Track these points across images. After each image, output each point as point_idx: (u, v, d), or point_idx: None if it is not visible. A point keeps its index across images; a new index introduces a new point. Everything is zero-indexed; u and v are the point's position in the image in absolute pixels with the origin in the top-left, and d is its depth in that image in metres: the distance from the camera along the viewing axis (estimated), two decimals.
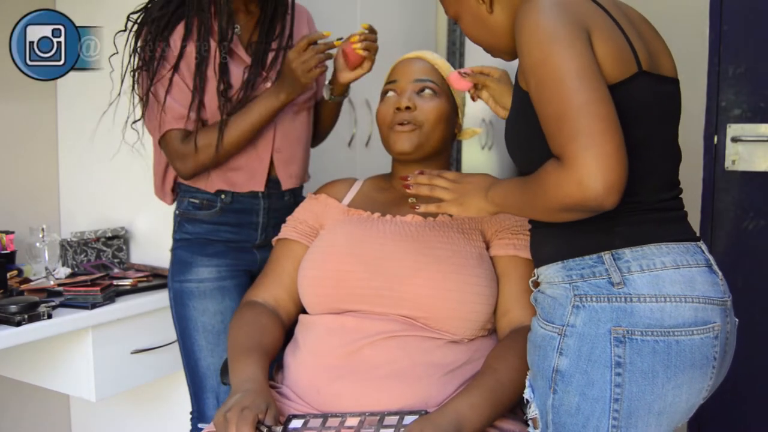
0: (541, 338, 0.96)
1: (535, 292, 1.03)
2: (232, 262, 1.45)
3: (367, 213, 1.28)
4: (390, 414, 1.03)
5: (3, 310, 1.32)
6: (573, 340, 0.91)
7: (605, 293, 0.90)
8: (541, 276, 1.02)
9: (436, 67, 1.32)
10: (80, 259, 1.74)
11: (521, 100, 0.96)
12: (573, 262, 0.94)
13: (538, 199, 0.89)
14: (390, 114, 1.27)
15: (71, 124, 1.87)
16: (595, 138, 0.81)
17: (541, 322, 0.97)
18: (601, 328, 0.89)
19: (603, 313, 0.90)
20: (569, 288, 0.93)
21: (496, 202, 1.00)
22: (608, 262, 0.91)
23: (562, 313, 0.93)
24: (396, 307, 1.14)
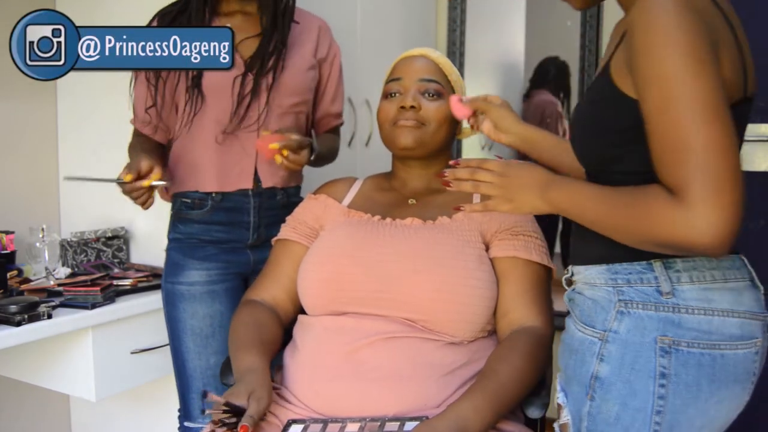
0: (578, 342, 0.93)
1: (570, 292, 0.99)
2: (223, 265, 1.45)
3: (367, 215, 1.27)
4: (391, 420, 1.03)
5: (3, 310, 1.32)
6: (615, 346, 0.88)
7: (653, 301, 0.87)
8: (578, 275, 0.98)
9: (440, 66, 1.31)
10: (80, 259, 1.74)
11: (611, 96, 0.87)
12: (620, 266, 0.90)
13: (634, 224, 0.82)
14: (394, 111, 1.27)
15: (71, 124, 1.87)
16: (724, 183, 0.74)
17: (578, 324, 0.93)
18: (647, 337, 0.86)
19: (649, 321, 0.86)
20: (613, 292, 0.90)
21: (559, 205, 0.91)
22: (659, 270, 0.87)
23: (605, 317, 0.89)
24: (395, 310, 1.14)
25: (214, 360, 1.43)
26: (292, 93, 1.44)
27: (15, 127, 1.80)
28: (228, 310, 1.43)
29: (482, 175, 0.98)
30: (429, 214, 1.25)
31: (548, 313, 1.19)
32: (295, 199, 1.51)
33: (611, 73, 0.88)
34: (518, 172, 0.96)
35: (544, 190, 0.92)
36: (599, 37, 2.43)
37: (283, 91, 1.42)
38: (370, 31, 2.27)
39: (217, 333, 1.43)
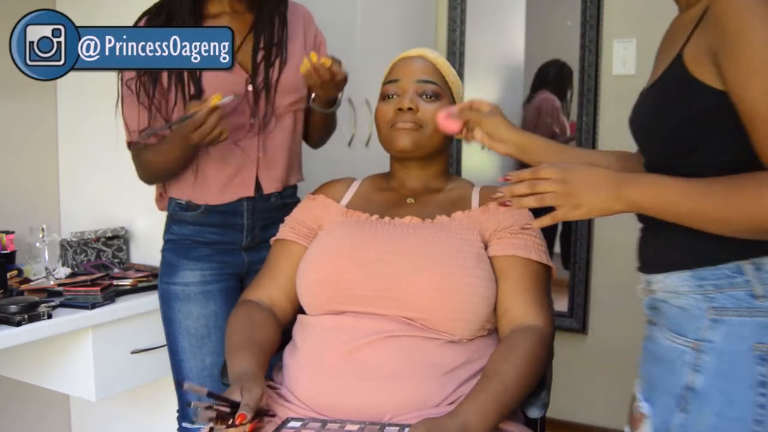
0: (667, 350, 0.89)
1: (651, 300, 0.95)
2: (217, 266, 1.45)
3: (365, 215, 1.27)
4: (391, 425, 1.03)
5: (3, 310, 1.32)
6: (711, 357, 0.85)
7: (746, 306, 0.83)
8: (657, 284, 0.94)
9: (438, 67, 1.31)
10: (80, 259, 1.74)
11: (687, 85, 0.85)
12: (706, 271, 0.86)
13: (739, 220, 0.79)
14: (391, 113, 1.27)
15: (71, 124, 1.87)
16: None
17: (666, 333, 0.90)
18: (743, 345, 0.83)
19: (744, 328, 0.83)
20: (702, 299, 0.86)
21: (641, 203, 0.87)
22: (749, 273, 0.84)
23: (697, 326, 0.86)
24: (395, 309, 1.14)
25: (210, 360, 1.43)
26: (290, 91, 1.42)
27: (15, 127, 1.80)
28: (223, 311, 1.43)
29: (543, 186, 0.91)
30: (427, 213, 1.25)
31: (549, 312, 1.19)
32: (289, 200, 1.50)
33: (685, 62, 0.85)
34: (581, 174, 0.90)
35: (618, 189, 0.87)
36: (599, 37, 2.43)
37: (281, 90, 1.41)
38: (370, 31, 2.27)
39: (213, 333, 1.43)
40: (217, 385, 1.43)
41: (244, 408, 0.96)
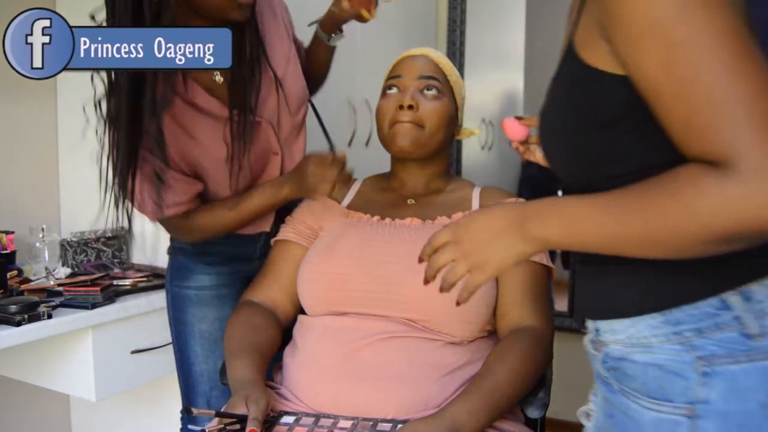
0: (652, 426, 0.68)
1: (607, 359, 0.74)
2: (232, 270, 1.43)
3: (366, 216, 1.27)
4: (383, 420, 1.04)
5: (3, 310, 1.32)
6: (713, 422, 0.65)
7: (741, 350, 0.64)
8: (611, 335, 0.73)
9: (440, 66, 1.31)
10: (80, 259, 1.74)
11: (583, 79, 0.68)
12: (680, 312, 0.67)
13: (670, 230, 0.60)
14: (392, 111, 1.26)
15: (71, 124, 1.87)
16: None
17: (643, 401, 0.69)
18: (750, 401, 0.64)
19: (746, 378, 0.64)
20: (682, 350, 0.66)
21: (551, 239, 0.69)
22: (737, 307, 0.65)
23: (684, 385, 0.66)
24: (395, 310, 1.14)
25: (221, 363, 1.42)
26: (299, 106, 1.35)
27: (15, 127, 1.80)
28: None
29: (441, 259, 0.78)
30: (428, 214, 1.25)
31: (548, 313, 1.19)
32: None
33: (576, 49, 0.69)
34: (475, 227, 0.75)
35: (520, 229, 0.71)
36: None
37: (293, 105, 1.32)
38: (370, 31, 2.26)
39: None
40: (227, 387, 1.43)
41: (252, 422, 0.96)
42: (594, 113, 0.69)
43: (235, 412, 0.99)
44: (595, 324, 0.77)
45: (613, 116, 0.67)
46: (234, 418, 0.98)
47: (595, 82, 0.67)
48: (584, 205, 0.66)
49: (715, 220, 0.57)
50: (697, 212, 0.58)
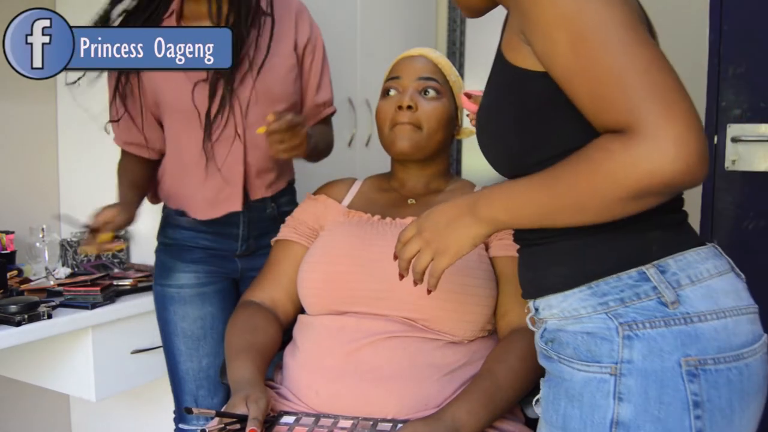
0: (583, 384, 0.76)
1: (545, 332, 0.84)
2: (212, 269, 1.44)
3: (367, 215, 1.27)
4: (384, 421, 1.04)
5: (3, 310, 1.32)
6: (634, 379, 0.73)
7: (659, 316, 0.73)
8: (548, 310, 0.83)
9: (439, 66, 1.31)
10: (80, 259, 1.74)
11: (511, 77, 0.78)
12: (605, 284, 0.76)
13: (591, 192, 0.69)
14: (391, 112, 1.27)
15: (71, 124, 1.87)
16: (674, 95, 0.64)
17: (575, 364, 0.77)
18: (667, 361, 0.72)
19: (664, 341, 0.73)
20: (607, 318, 0.75)
21: (498, 217, 0.78)
22: (655, 278, 0.75)
23: (610, 347, 0.74)
24: (395, 309, 1.14)
25: (206, 362, 1.43)
26: (277, 100, 1.36)
27: (15, 127, 1.80)
28: (219, 312, 1.43)
29: (408, 250, 0.86)
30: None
31: None
32: (286, 208, 1.47)
33: (504, 53, 0.79)
34: (435, 215, 0.84)
35: (473, 211, 0.80)
36: None
37: (267, 99, 1.35)
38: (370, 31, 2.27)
39: (209, 335, 1.43)
40: (213, 386, 1.43)
41: (252, 422, 0.96)
42: (520, 106, 0.78)
43: (235, 412, 1.00)
44: (534, 304, 0.86)
45: (536, 107, 0.76)
46: (234, 418, 0.98)
47: (520, 79, 0.76)
48: (522, 183, 0.75)
49: (623, 178, 0.66)
50: (608, 173, 0.67)
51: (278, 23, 1.37)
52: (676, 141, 0.63)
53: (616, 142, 0.66)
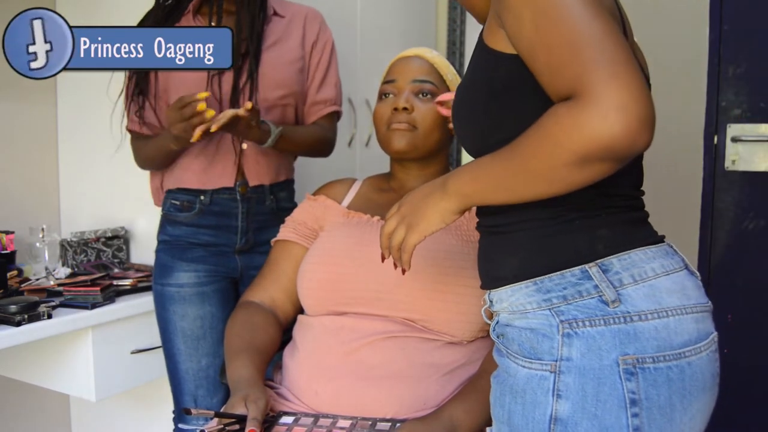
0: (524, 380, 0.78)
1: (496, 326, 0.86)
2: (212, 268, 1.45)
3: (366, 216, 1.27)
4: (382, 420, 1.04)
5: (3, 310, 1.32)
6: (572, 377, 0.74)
7: (600, 315, 0.74)
8: (500, 304, 0.84)
9: (435, 66, 1.31)
10: (80, 259, 1.74)
11: (485, 59, 0.81)
12: (550, 281, 0.78)
13: (540, 158, 0.70)
14: (387, 114, 1.27)
15: (71, 124, 1.87)
16: (622, 65, 0.66)
17: (519, 360, 0.79)
18: (605, 359, 0.73)
19: (603, 339, 0.74)
20: (550, 315, 0.77)
21: (463, 190, 0.80)
22: (596, 277, 0.76)
23: (551, 345, 0.76)
24: (394, 310, 1.14)
25: (205, 361, 1.43)
26: (277, 86, 1.42)
27: (15, 127, 1.80)
28: (218, 311, 1.44)
29: (386, 225, 0.88)
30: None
31: None
32: (286, 204, 1.50)
33: (484, 38, 0.82)
34: (412, 192, 0.87)
35: (443, 186, 0.82)
36: None
37: (268, 84, 1.41)
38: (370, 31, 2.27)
39: (208, 334, 1.43)
40: (213, 386, 1.44)
41: (252, 422, 0.96)
42: (490, 86, 0.80)
43: (234, 412, 0.99)
44: (489, 296, 0.87)
45: (503, 88, 0.79)
46: (233, 419, 0.98)
47: (493, 60, 0.79)
48: (486, 157, 0.77)
49: (566, 140, 0.67)
50: (553, 136, 0.68)
51: (288, 23, 1.46)
52: (618, 106, 0.64)
53: (564, 107, 0.68)
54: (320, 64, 1.51)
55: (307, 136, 1.48)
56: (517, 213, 0.80)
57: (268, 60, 1.42)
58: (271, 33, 1.44)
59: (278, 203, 1.48)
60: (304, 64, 1.49)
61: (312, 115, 1.52)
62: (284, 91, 1.44)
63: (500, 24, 0.77)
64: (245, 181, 1.43)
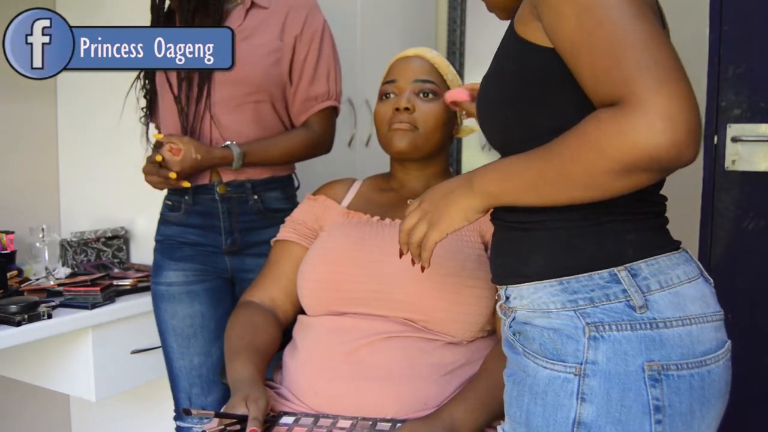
0: (546, 382, 0.76)
1: (513, 323, 0.83)
2: (200, 267, 1.45)
3: (366, 216, 1.27)
4: (383, 420, 1.04)
5: (3, 310, 1.32)
6: (597, 380, 0.73)
7: (626, 320, 0.73)
8: (518, 300, 0.82)
9: (436, 66, 1.31)
10: (80, 259, 1.74)
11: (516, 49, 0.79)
12: (576, 282, 0.76)
13: (580, 164, 0.68)
14: (389, 115, 1.27)
15: (71, 124, 1.87)
16: (671, 72, 0.64)
17: (540, 360, 0.77)
18: (631, 365, 0.72)
19: (629, 344, 0.73)
20: (575, 316, 0.75)
21: (490, 189, 0.77)
22: (626, 281, 0.74)
23: (575, 347, 0.74)
24: (395, 310, 1.14)
25: (197, 360, 1.44)
26: (243, 83, 1.38)
27: (15, 127, 1.80)
28: (209, 310, 1.44)
29: (407, 220, 0.86)
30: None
31: None
32: (276, 205, 1.47)
33: (515, 26, 0.79)
34: (435, 188, 0.85)
35: (469, 183, 0.80)
36: None
37: (232, 81, 1.37)
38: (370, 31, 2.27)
39: (199, 333, 1.43)
40: (206, 384, 1.44)
41: (253, 422, 0.96)
42: (519, 76, 0.78)
43: (235, 412, 0.99)
44: (506, 291, 0.85)
45: (534, 79, 0.77)
46: (234, 419, 0.98)
47: (525, 50, 0.77)
48: (517, 157, 0.75)
49: (609, 147, 0.65)
50: (595, 142, 0.66)
51: (268, 16, 1.42)
52: (665, 115, 0.62)
53: (608, 113, 0.66)
54: (309, 58, 1.44)
55: (284, 147, 1.44)
56: (544, 211, 0.78)
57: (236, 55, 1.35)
58: (246, 27, 1.40)
59: (265, 203, 1.45)
60: (281, 57, 1.42)
61: (303, 112, 1.47)
62: (252, 87, 1.39)
63: (536, 15, 0.75)
64: (221, 181, 1.41)
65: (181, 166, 1.32)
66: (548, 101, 0.77)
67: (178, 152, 1.32)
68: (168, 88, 1.39)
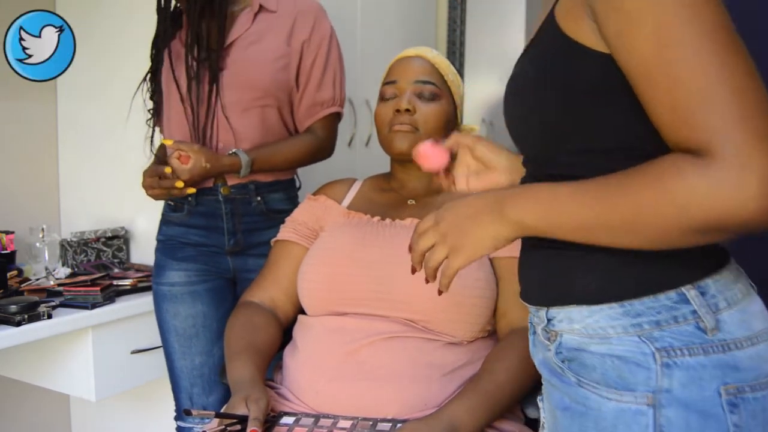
0: (614, 415, 0.68)
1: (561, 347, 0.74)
2: (203, 267, 1.45)
3: (367, 216, 1.27)
4: (383, 420, 1.04)
5: (3, 310, 1.32)
6: (674, 410, 0.66)
7: (698, 343, 0.66)
8: (569, 323, 0.73)
9: (436, 67, 1.30)
10: (80, 259, 1.74)
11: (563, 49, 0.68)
12: (640, 304, 0.67)
13: (652, 215, 0.59)
14: (389, 116, 1.27)
15: (71, 124, 1.87)
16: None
17: (603, 391, 0.69)
18: (707, 390, 0.65)
19: (704, 370, 0.66)
20: (641, 342, 0.67)
21: (526, 221, 0.68)
22: (695, 301, 0.66)
23: (647, 375, 0.66)
24: (395, 310, 1.14)
25: (199, 360, 1.44)
26: (251, 87, 1.37)
27: (15, 127, 1.80)
28: (211, 311, 1.44)
29: (421, 243, 0.77)
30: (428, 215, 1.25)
31: None
32: (279, 206, 1.46)
33: (558, 21, 0.68)
34: (454, 209, 0.75)
35: (498, 211, 0.70)
36: None
37: (240, 85, 1.37)
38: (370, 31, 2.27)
39: (201, 333, 1.44)
40: (208, 384, 1.44)
41: (254, 422, 0.96)
42: (569, 82, 0.68)
43: (235, 412, 0.99)
44: (548, 313, 0.76)
45: (588, 89, 0.67)
46: (234, 419, 0.98)
47: (574, 53, 0.67)
48: (563, 190, 0.66)
49: (694, 207, 0.57)
50: (677, 198, 0.57)
51: (276, 19, 1.40)
52: (763, 176, 0.54)
53: (691, 164, 0.57)
54: (316, 63, 1.44)
55: (289, 153, 1.43)
56: None
57: (243, 59, 1.37)
58: (253, 31, 1.39)
59: (268, 205, 1.45)
60: (289, 63, 1.41)
61: (308, 118, 1.47)
62: (260, 92, 1.38)
63: (589, 14, 0.64)
64: (225, 182, 1.41)
65: (190, 174, 1.30)
66: (605, 115, 0.67)
67: (187, 160, 1.30)
68: (176, 88, 1.37)
